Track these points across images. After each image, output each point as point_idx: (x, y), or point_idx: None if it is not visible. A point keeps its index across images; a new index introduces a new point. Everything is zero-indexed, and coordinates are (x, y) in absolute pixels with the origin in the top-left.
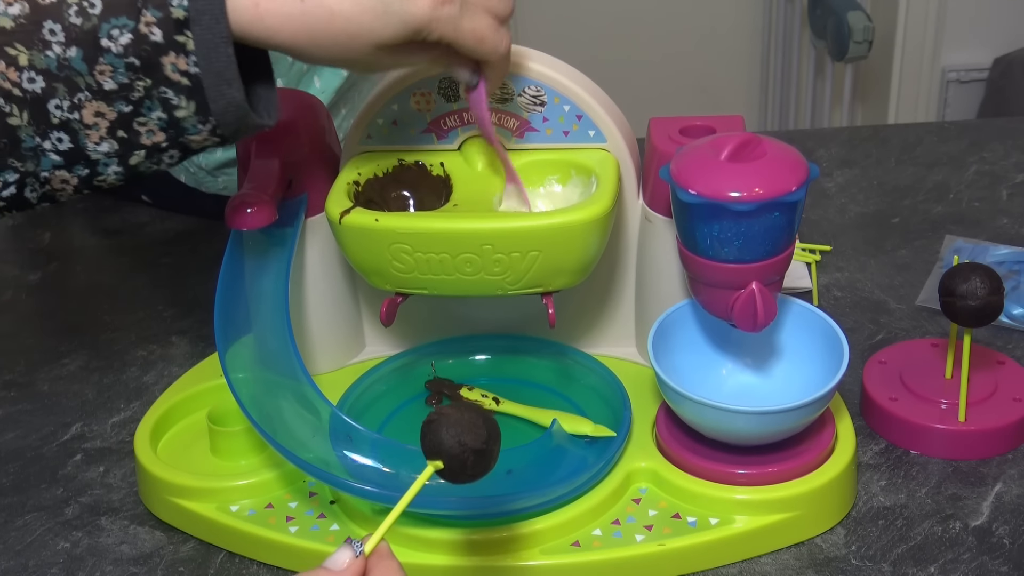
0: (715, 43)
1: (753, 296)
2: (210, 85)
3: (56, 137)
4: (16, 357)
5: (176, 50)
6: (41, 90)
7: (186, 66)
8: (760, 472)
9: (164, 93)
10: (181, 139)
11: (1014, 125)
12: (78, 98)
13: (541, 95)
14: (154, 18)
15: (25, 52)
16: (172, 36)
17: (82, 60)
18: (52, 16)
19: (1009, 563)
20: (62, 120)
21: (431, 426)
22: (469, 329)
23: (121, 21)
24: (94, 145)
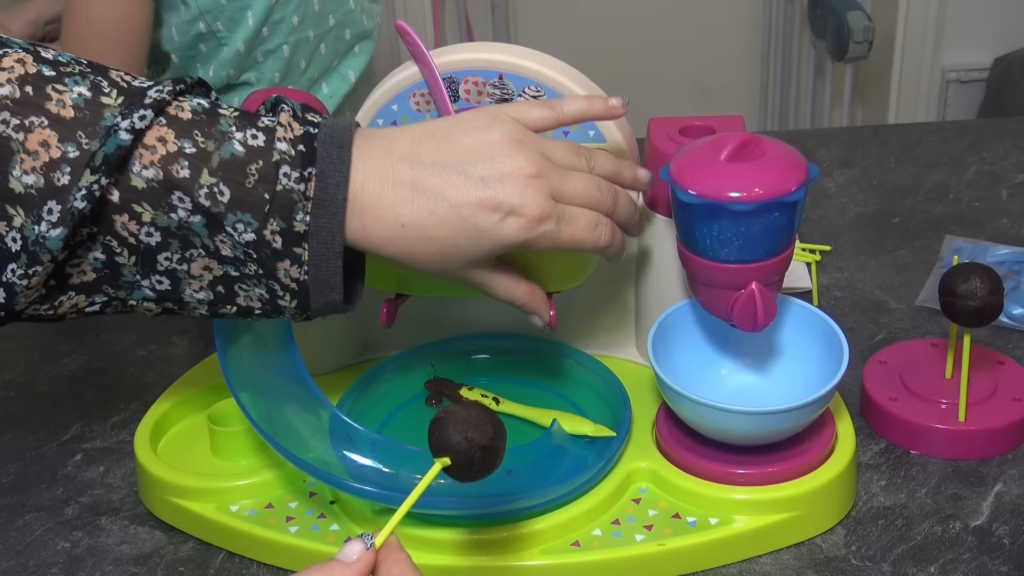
0: (715, 43)
1: (753, 296)
2: (315, 290)
3: (156, 279)
4: (16, 357)
5: (292, 259)
6: (156, 243)
7: (298, 274)
8: (760, 472)
9: (272, 286)
10: (274, 315)
11: (1014, 125)
12: (190, 253)
13: (541, 95)
14: (278, 227)
15: (150, 211)
16: (291, 247)
17: (204, 227)
18: (183, 189)
19: (1009, 563)
20: (168, 268)
21: (438, 424)
22: (469, 329)
23: (247, 218)
24: (192, 292)
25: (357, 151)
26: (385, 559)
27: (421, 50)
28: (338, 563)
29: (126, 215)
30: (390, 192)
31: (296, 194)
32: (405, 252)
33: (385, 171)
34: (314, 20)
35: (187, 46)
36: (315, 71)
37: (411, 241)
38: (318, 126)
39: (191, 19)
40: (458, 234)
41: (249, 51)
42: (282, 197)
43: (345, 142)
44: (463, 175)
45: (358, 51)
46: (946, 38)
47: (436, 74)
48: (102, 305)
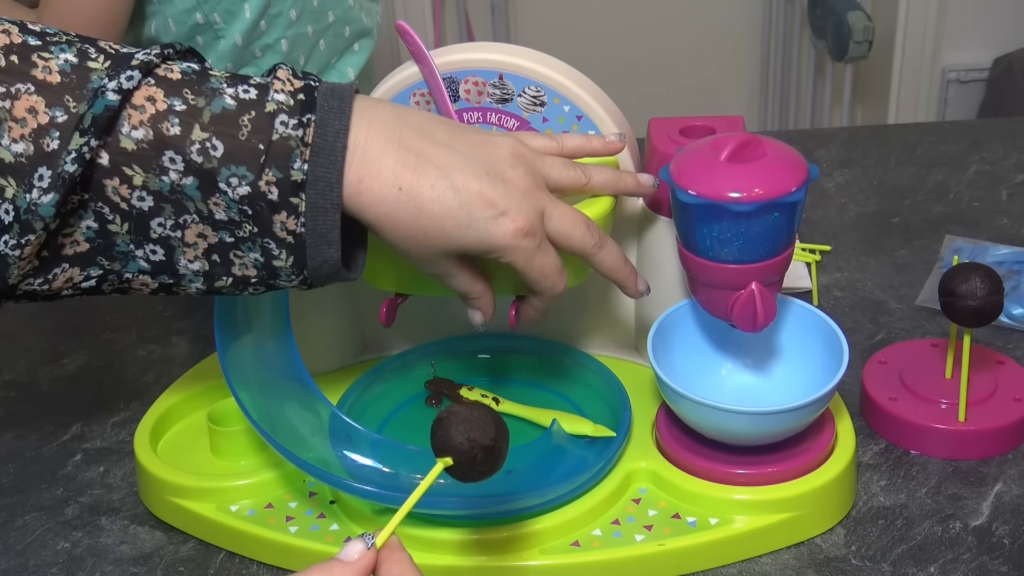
0: (715, 43)
1: (753, 297)
2: (312, 245)
3: (151, 249)
4: (16, 357)
5: (288, 210)
6: (148, 208)
7: (295, 226)
8: (760, 472)
9: (267, 244)
10: (271, 282)
11: (1014, 125)
12: (184, 219)
13: (541, 95)
14: (275, 178)
15: (141, 174)
16: (288, 197)
17: (196, 189)
18: (174, 147)
19: (1009, 563)
20: (161, 236)
21: (441, 424)
22: (469, 329)
23: (241, 171)
24: (187, 262)
25: (360, 106)
26: (386, 559)
27: (421, 50)
28: (339, 563)
29: (117, 179)
30: (394, 152)
31: (294, 140)
32: (391, 217)
33: (393, 132)
34: (313, 16)
35: (184, 37)
36: (314, 68)
37: (403, 207)
38: (318, 80)
39: (188, 9)
40: (449, 216)
41: (247, 45)
42: (279, 145)
43: (346, 95)
44: (469, 163)
45: (357, 49)
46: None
47: (436, 74)
48: (98, 280)
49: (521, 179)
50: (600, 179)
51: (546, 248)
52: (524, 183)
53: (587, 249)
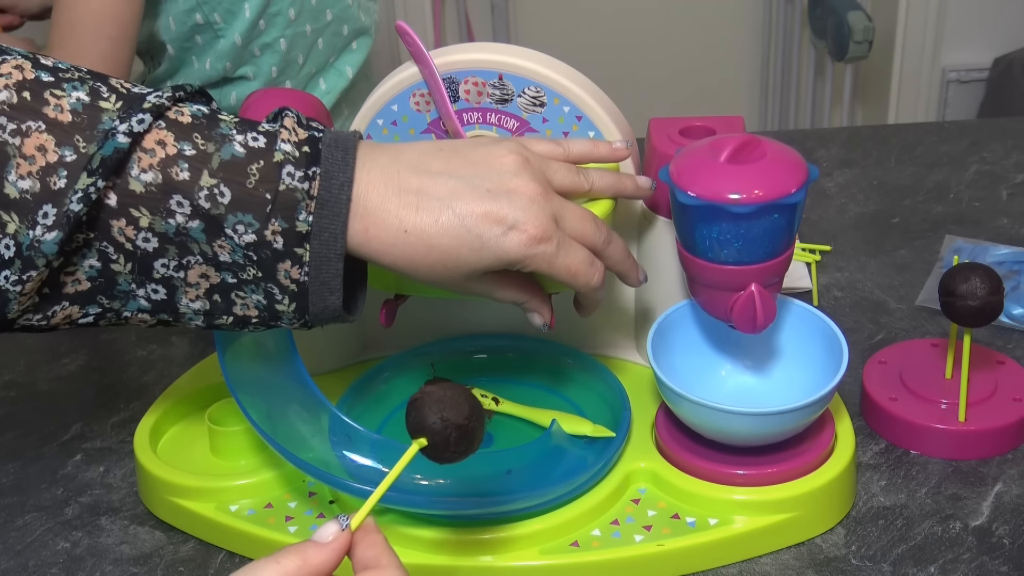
0: (715, 43)
1: (752, 298)
2: (314, 292)
3: (152, 288)
4: (16, 357)
5: (292, 260)
6: (153, 249)
7: (298, 275)
8: (760, 473)
9: (271, 289)
10: (272, 323)
11: (1014, 125)
12: (187, 260)
13: (541, 96)
14: (280, 228)
15: (148, 216)
16: (292, 247)
17: (202, 232)
18: (182, 192)
19: (1009, 563)
20: (164, 276)
21: (414, 404)
22: (469, 329)
23: (248, 219)
24: (188, 301)
25: (362, 156)
26: (360, 541)
27: (421, 50)
28: (312, 544)
29: (123, 220)
30: (394, 198)
31: (300, 192)
32: (406, 259)
33: (391, 177)
34: (311, 14)
35: (184, 37)
36: (312, 66)
37: (413, 248)
38: (323, 131)
39: (188, 9)
40: (460, 244)
41: (246, 44)
42: (285, 196)
43: (350, 146)
44: (470, 186)
45: (356, 47)
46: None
47: (436, 74)
48: (96, 317)
49: (527, 186)
50: (601, 184)
51: (568, 246)
52: (530, 190)
53: (598, 245)
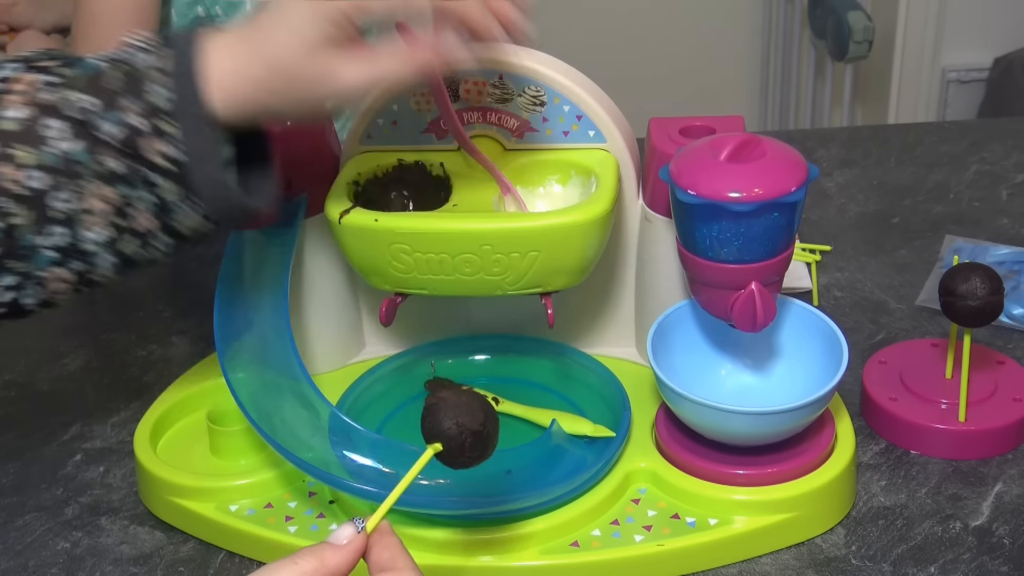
0: (715, 43)
1: (752, 297)
2: (196, 168)
3: (52, 231)
4: (16, 357)
5: (161, 136)
6: (44, 185)
7: (172, 152)
8: (760, 472)
9: (152, 178)
10: (171, 224)
11: (1014, 125)
12: (80, 185)
13: (541, 95)
14: (140, 109)
15: (29, 152)
16: (157, 124)
17: (84, 151)
18: (52, 114)
19: (1009, 563)
20: (63, 211)
21: (430, 410)
22: (469, 329)
23: (113, 116)
24: (92, 236)
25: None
26: (376, 543)
27: None
28: (328, 546)
29: (8, 164)
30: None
31: (154, 71)
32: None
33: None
34: None
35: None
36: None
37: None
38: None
39: (190, 1)
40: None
41: None
42: (134, 79)
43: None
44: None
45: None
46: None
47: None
48: (16, 289)
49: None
50: None
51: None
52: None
53: None
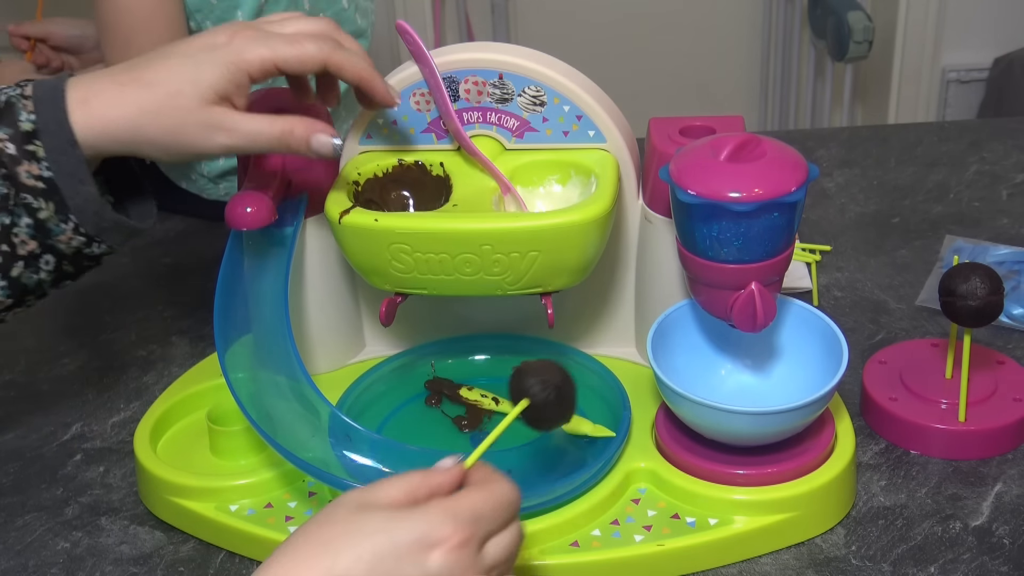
0: (715, 43)
1: (752, 296)
2: (65, 185)
3: None
4: (16, 357)
5: (28, 159)
6: None
7: (39, 171)
8: (759, 472)
9: (26, 199)
10: (49, 241)
11: (1014, 125)
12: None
13: (541, 95)
14: (6, 135)
15: None
16: (23, 146)
17: None
18: None
19: (1009, 563)
20: None
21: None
22: (469, 329)
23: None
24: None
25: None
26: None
27: (421, 50)
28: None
29: None
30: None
31: (15, 98)
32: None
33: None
34: None
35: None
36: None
37: (133, 92)
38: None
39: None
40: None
41: None
42: (5, 110)
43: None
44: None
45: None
46: (946, 38)
47: (436, 74)
48: None
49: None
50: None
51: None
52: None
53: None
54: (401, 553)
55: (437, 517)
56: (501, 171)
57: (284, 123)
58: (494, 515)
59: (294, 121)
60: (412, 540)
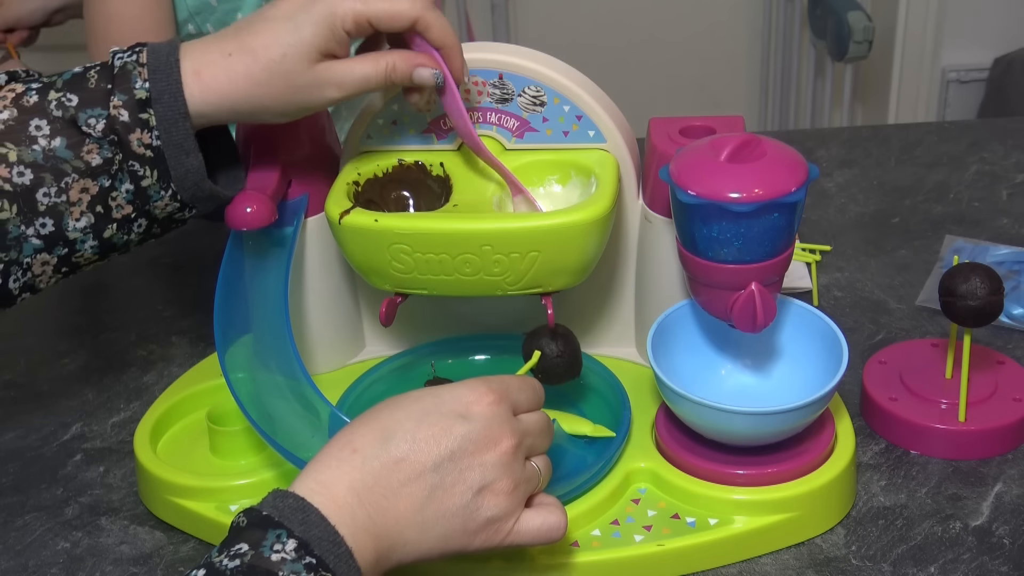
0: (715, 43)
1: (752, 297)
2: (171, 155)
3: (40, 223)
4: (16, 357)
5: (141, 127)
6: (30, 181)
7: (150, 140)
8: (759, 472)
9: (132, 166)
10: (146, 207)
11: (1014, 125)
12: (65, 182)
13: (541, 95)
14: (121, 101)
15: (14, 149)
16: (137, 114)
17: (66, 148)
18: (37, 114)
19: (1009, 563)
20: (48, 206)
21: (529, 335)
22: (469, 329)
23: (96, 111)
24: (74, 223)
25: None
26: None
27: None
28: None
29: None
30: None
31: (131, 65)
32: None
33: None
34: None
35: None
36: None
37: (242, 63)
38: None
39: (181, 21)
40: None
41: None
42: (120, 76)
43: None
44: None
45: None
46: (946, 38)
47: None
48: (2, 277)
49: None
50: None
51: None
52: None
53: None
54: (444, 410)
55: (473, 383)
56: None
57: (387, 60)
58: (521, 389)
59: (395, 56)
60: (453, 398)
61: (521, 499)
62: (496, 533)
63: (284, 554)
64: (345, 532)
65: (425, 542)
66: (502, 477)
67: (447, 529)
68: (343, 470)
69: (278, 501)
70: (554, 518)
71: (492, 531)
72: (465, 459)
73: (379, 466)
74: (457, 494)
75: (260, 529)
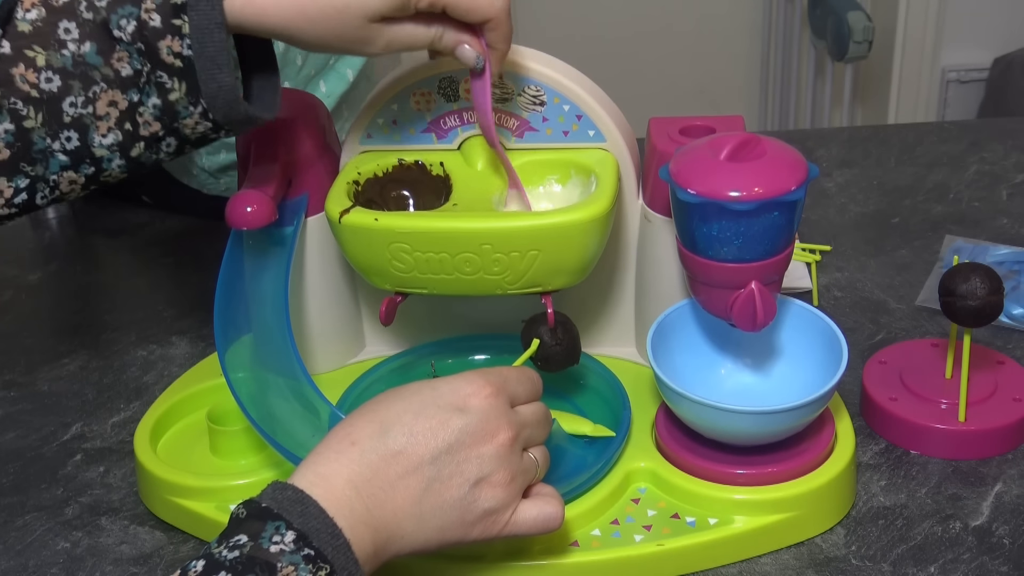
0: (715, 43)
1: (752, 296)
2: (202, 68)
3: (65, 136)
4: (16, 357)
5: (172, 33)
6: (57, 88)
7: (180, 48)
8: (759, 472)
9: (160, 77)
10: (175, 124)
11: (1014, 125)
12: (93, 91)
13: (541, 95)
14: (154, 4)
15: (42, 53)
16: (170, 20)
17: (96, 53)
18: (66, 15)
19: (1009, 563)
20: (74, 117)
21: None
22: (469, 329)
23: (127, 10)
24: (100, 138)
25: None
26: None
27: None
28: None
29: (22, 65)
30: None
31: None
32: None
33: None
34: None
35: None
36: (312, 68)
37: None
38: None
39: None
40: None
41: None
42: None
43: None
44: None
45: None
46: (946, 38)
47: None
48: (28, 191)
49: None
50: None
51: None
52: None
53: None
54: (442, 403)
55: (471, 375)
56: None
57: (437, 27)
58: (519, 381)
59: (446, 25)
60: (451, 391)
61: (518, 490)
62: (493, 524)
63: (283, 545)
64: (343, 524)
65: (423, 534)
66: (499, 469)
67: (444, 521)
68: (341, 463)
69: (277, 493)
70: (551, 508)
71: (489, 522)
72: (462, 452)
73: (377, 459)
74: (454, 486)
75: (259, 520)
